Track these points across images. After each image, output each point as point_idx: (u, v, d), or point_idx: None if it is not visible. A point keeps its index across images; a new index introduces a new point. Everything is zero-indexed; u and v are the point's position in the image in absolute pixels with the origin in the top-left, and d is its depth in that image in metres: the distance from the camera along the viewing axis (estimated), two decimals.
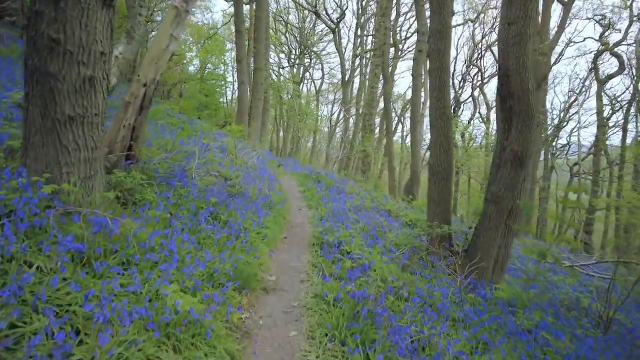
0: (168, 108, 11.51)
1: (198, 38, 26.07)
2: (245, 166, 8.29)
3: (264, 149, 15.60)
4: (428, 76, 6.29)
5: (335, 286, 3.75)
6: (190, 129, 10.20)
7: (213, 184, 5.38)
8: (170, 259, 2.97)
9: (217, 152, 8.09)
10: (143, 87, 4.60)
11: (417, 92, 10.94)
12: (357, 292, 3.22)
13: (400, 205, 8.92)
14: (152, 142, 5.84)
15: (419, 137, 11.13)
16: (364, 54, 24.19)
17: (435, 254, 5.88)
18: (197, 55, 28.49)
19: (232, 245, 4.03)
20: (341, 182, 10.02)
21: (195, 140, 8.44)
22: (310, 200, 8.34)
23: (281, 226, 6.13)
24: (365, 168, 19.54)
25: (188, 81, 28.99)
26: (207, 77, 27.92)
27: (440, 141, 6.18)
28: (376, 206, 8.11)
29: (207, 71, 28.84)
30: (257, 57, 15.40)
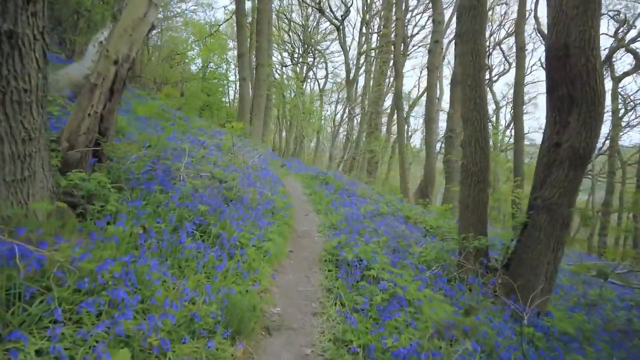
0: (163, 103, 10.51)
1: (200, 37, 25.03)
2: (245, 166, 7.26)
3: (266, 148, 14.57)
4: (459, 62, 5.28)
5: (362, 329, 2.70)
6: (186, 126, 9.19)
7: (204, 188, 4.34)
8: (124, 305, 1.92)
9: (215, 151, 7.07)
10: (113, 65, 3.56)
11: (432, 86, 9.90)
12: (403, 349, 2.17)
13: (417, 210, 7.87)
14: (131, 138, 4.81)
15: (434, 135, 10.09)
16: (369, 51, 23.14)
17: (469, 271, 4.83)
18: (199, 54, 27.52)
19: (223, 270, 2.98)
20: (351, 184, 8.99)
21: (190, 137, 7.43)
22: (319, 205, 7.29)
23: (286, 236, 5.08)
24: (372, 168, 18.48)
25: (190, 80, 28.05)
26: (210, 77, 26.97)
27: (476, 137, 5.11)
28: (392, 211, 7.06)
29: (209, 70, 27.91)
30: (260, 52, 14.37)
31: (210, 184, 4.53)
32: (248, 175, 6.24)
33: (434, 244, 5.40)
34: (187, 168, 4.74)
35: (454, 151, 11.31)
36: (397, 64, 11.06)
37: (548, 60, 4.57)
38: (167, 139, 6.02)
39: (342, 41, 24.27)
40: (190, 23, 27.37)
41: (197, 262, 2.94)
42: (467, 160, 5.18)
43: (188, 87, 28.05)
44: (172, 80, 26.74)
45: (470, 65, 5.21)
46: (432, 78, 9.96)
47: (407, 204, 8.18)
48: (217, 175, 4.53)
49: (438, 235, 6.93)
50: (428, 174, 10.14)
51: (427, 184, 10.24)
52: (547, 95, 4.78)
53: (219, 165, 6.11)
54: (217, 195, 4.51)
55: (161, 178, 3.94)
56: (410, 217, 7.02)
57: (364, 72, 25.58)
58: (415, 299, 3.28)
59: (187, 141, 7.10)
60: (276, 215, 5.36)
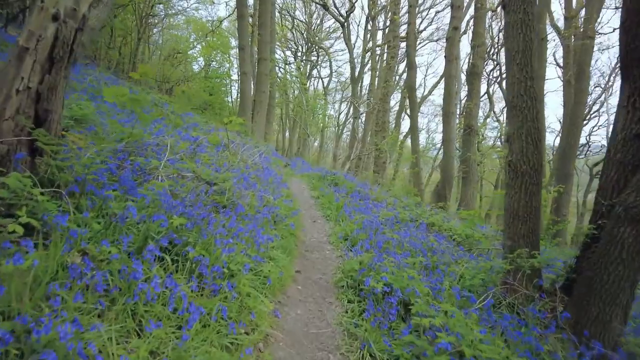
0: (156, 97, 9.48)
1: (202, 35, 24.05)
2: (244, 165, 6.21)
3: (269, 146, 13.53)
4: (504, 36, 4.23)
5: None
6: (179, 121, 8.16)
7: (187, 192, 3.28)
8: None
9: (209, 149, 6.04)
10: (52, 21, 2.52)
11: (451, 77, 8.83)
12: None
13: (439, 215, 6.80)
14: (96, 129, 3.78)
15: (452, 131, 9.02)
16: (375, 48, 22.06)
17: (520, 295, 3.76)
18: (201, 53, 26.55)
19: (194, 329, 1.92)
20: (363, 185, 7.92)
21: (181, 132, 6.41)
22: (328, 210, 6.23)
23: (292, 251, 4.02)
24: (379, 168, 17.36)
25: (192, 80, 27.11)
26: (212, 75, 25.99)
27: (528, 129, 4.02)
28: (414, 218, 5.99)
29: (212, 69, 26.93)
30: (262, 46, 13.33)
31: (194, 187, 3.47)
32: (246, 176, 5.19)
33: (473, 260, 4.32)
34: (167, 167, 3.69)
35: (472, 149, 10.22)
36: (410, 55, 10.00)
37: (626, 33, 3.49)
38: (153, 133, 4.99)
39: (346, 38, 23.22)
40: (191, 21, 26.40)
41: (158, 312, 1.89)
42: (516, 157, 4.09)
43: (189, 86, 27.10)
44: (174, 79, 25.79)
45: (519, 39, 4.12)
46: (450, 69, 8.89)
47: (426, 209, 7.12)
48: (203, 175, 3.48)
49: (466, 245, 5.86)
50: (446, 174, 9.07)
51: (444, 185, 9.17)
52: (623, 74, 3.70)
53: (213, 164, 5.07)
54: (205, 201, 3.46)
55: (126, 180, 2.89)
56: (435, 224, 5.95)
57: (368, 70, 24.52)
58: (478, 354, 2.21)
59: (177, 137, 6.08)
60: (279, 225, 4.30)
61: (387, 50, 19.05)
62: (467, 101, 9.94)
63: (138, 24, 22.12)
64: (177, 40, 26.80)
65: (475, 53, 9.96)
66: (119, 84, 10.25)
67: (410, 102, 10.17)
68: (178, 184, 3.44)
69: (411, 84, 9.80)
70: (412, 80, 9.79)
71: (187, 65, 27.48)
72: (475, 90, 10.12)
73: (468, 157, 9.82)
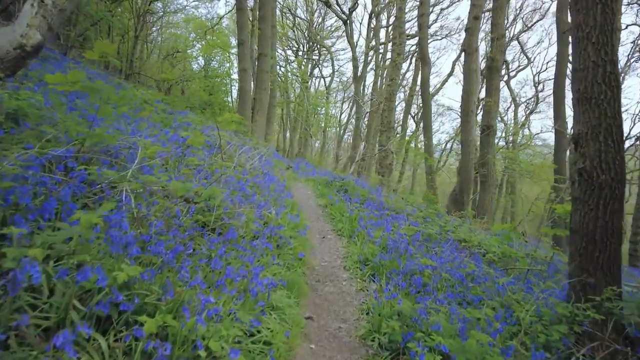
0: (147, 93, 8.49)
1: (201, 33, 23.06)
2: (242, 171, 5.22)
3: (270, 147, 12.53)
4: (572, 10, 3.24)
5: None
6: (168, 120, 7.17)
7: (153, 216, 2.28)
8: None
9: (200, 151, 5.05)
10: None
11: (470, 72, 7.85)
12: None
13: (464, 227, 5.80)
14: (30, 126, 2.79)
15: (472, 131, 8.04)
16: (379, 46, 21.05)
17: (609, 350, 2.77)
18: (201, 51, 25.54)
19: None
20: (376, 192, 6.90)
21: (168, 132, 5.43)
22: (339, 222, 5.23)
23: (300, 287, 3.02)
24: (384, 170, 16.36)
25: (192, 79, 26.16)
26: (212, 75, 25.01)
27: (607, 126, 3.02)
28: (439, 232, 5.00)
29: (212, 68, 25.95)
30: (262, 40, 12.31)
31: (167, 208, 2.45)
32: (243, 185, 4.19)
33: (530, 294, 3.32)
34: (135, 178, 2.70)
35: (491, 151, 9.22)
36: (423, 49, 8.99)
37: None
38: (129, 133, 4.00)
39: (349, 36, 22.20)
40: (191, 20, 25.40)
41: None
42: (591, 163, 3.08)
43: (188, 86, 26.11)
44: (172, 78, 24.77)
45: (596, 10, 3.12)
46: (470, 62, 7.90)
47: (450, 219, 6.12)
48: (179, 191, 2.47)
49: (500, 264, 4.88)
50: (464, 179, 8.08)
51: (462, 191, 8.19)
52: None
53: (201, 171, 4.07)
54: (183, 226, 2.47)
55: (62, 201, 1.89)
56: (467, 240, 4.96)
57: (371, 68, 23.53)
58: None
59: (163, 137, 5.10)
60: (283, 251, 3.30)
61: (392, 47, 18.07)
62: (485, 98, 8.95)
63: (135, 22, 21.13)
64: (177, 39, 25.78)
65: (494, 46, 8.97)
66: (105, 79, 9.24)
67: (423, 100, 9.17)
68: (146, 203, 2.45)
69: (425, 80, 8.81)
70: (426, 76, 8.79)
71: (186, 65, 26.47)
72: (494, 86, 9.13)
73: (487, 160, 8.83)
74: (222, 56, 25.41)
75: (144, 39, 24.24)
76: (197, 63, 28.09)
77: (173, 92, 25.44)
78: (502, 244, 5.04)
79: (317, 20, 27.07)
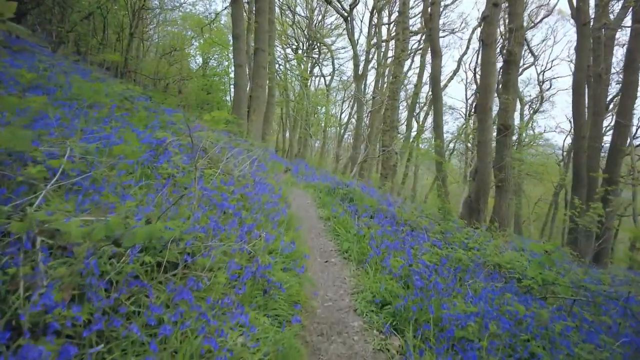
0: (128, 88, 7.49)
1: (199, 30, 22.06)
2: (228, 180, 4.25)
3: (267, 149, 11.54)
4: None
5: None
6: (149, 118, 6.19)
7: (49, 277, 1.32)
8: None
9: (177, 156, 4.09)
10: None
11: (489, 65, 6.89)
12: None
13: (491, 244, 4.82)
14: None
15: (489, 132, 7.07)
16: (380, 43, 20.04)
17: None
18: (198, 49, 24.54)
19: None
20: (388, 202, 5.88)
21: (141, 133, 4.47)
22: (345, 241, 4.25)
23: (294, 355, 2.06)
24: (388, 172, 15.37)
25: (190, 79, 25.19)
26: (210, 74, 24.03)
27: None
28: (467, 251, 4.03)
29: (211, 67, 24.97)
30: (259, 34, 11.31)
31: (71, 272, 1.48)
32: (223, 201, 3.21)
33: None
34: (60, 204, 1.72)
35: (508, 153, 8.25)
36: (434, 41, 8.00)
37: None
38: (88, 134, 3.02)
39: (350, 33, 21.17)
40: (188, 17, 24.38)
41: None
42: None
43: (185, 85, 25.12)
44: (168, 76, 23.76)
45: None
46: (488, 54, 6.93)
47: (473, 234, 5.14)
48: (94, 234, 1.49)
49: (538, 292, 3.95)
50: (481, 184, 7.11)
51: (478, 198, 7.23)
52: None
53: (159, 194, 3.10)
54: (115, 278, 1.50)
55: None
56: (501, 265, 4.00)
57: (372, 67, 22.54)
58: None
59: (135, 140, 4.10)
60: (271, 303, 2.34)
61: (395, 44, 17.07)
62: (502, 96, 7.96)
63: (130, 18, 20.11)
64: (174, 36, 24.75)
65: (513, 38, 8.01)
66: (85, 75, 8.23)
67: (433, 95, 8.19)
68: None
69: (436, 74, 7.83)
70: (437, 69, 7.81)
71: (183, 63, 25.44)
72: (512, 82, 8.15)
73: (505, 163, 7.85)
74: (220, 54, 24.44)
75: (140, 36, 23.20)
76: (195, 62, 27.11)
77: (170, 91, 24.46)
78: (540, 267, 4.08)
79: (317, 17, 26.08)
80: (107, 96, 6.38)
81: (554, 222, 24.26)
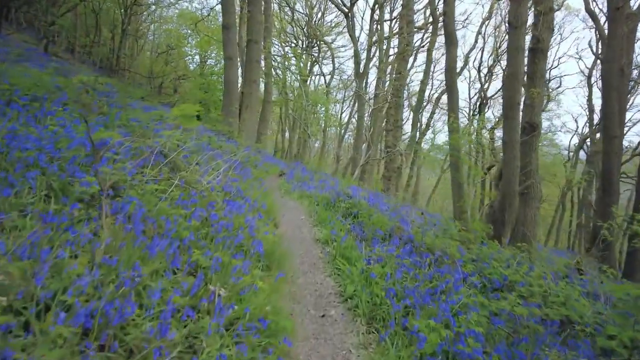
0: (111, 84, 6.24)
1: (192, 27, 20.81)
2: (189, 196, 3.01)
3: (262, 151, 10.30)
4: None
5: None
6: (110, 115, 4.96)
7: None
8: None
9: (120, 164, 2.86)
10: None
11: (517, 52, 5.64)
12: None
13: (532, 273, 3.59)
14: None
15: (517, 131, 5.83)
16: (383, 40, 18.75)
17: None
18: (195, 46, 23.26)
19: None
20: (402, 219, 4.56)
21: (74, 135, 3.26)
22: (349, 283, 2.99)
23: None
24: (391, 174, 14.11)
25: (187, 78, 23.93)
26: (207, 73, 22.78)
27: None
28: (526, 294, 2.81)
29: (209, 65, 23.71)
30: (252, 25, 10.05)
31: None
32: (155, 240, 1.97)
33: None
34: None
35: (535, 156, 7.00)
36: (448, 27, 6.77)
37: None
38: None
39: (350, 30, 19.89)
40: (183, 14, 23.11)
41: None
42: None
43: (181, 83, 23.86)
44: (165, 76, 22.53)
45: None
46: (517, 38, 5.68)
47: (509, 259, 3.91)
48: None
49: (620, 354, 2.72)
50: (506, 192, 5.87)
51: (503, 207, 5.99)
52: None
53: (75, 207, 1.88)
54: None
55: None
56: (570, 314, 2.78)
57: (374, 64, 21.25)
58: None
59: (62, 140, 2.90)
60: None
61: (399, 39, 15.80)
62: (528, 89, 6.72)
63: (122, 14, 18.84)
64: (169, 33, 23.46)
65: (541, 22, 6.78)
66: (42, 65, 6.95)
67: (447, 88, 6.93)
68: None
69: (451, 64, 6.60)
70: (453, 60, 6.59)
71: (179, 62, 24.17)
72: (540, 73, 6.91)
73: (533, 168, 6.61)
74: (217, 52, 23.16)
75: (133, 33, 21.94)
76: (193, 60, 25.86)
77: (165, 90, 23.24)
78: (624, 319, 2.84)
79: (317, 15, 24.80)
80: (59, 89, 5.15)
81: (561, 223, 23.04)
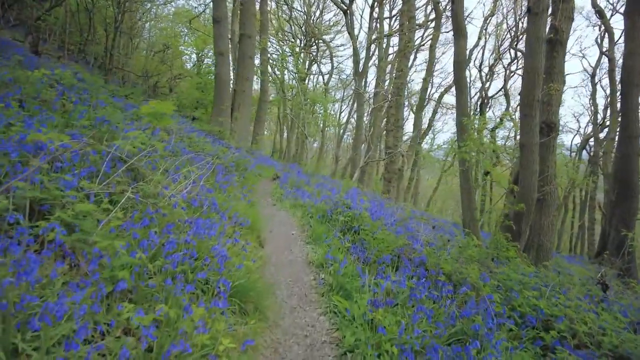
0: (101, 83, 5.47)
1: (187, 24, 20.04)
2: (141, 212, 2.30)
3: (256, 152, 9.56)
4: None
5: None
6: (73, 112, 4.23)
7: None
8: None
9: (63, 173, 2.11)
10: None
11: (537, 42, 4.86)
12: None
13: (571, 305, 2.89)
14: None
15: (535, 132, 5.10)
16: (382, 37, 18.02)
17: None
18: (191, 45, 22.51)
19: None
20: (413, 238, 3.82)
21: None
22: (348, 330, 2.27)
23: None
24: (392, 176, 13.37)
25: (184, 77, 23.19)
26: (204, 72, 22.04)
27: None
28: None
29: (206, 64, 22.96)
30: (245, 19, 9.31)
31: None
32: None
33: None
34: None
35: (553, 159, 6.29)
36: (457, 17, 6.04)
37: None
38: None
39: (349, 28, 19.15)
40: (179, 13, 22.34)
41: None
42: None
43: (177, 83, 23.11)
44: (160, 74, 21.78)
45: None
46: (537, 27, 4.96)
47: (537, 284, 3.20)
48: None
49: None
50: (523, 199, 5.17)
51: (519, 216, 5.29)
52: None
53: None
54: None
55: None
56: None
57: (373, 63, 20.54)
58: None
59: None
60: None
61: (400, 36, 15.06)
62: (545, 84, 6.01)
63: (115, 11, 18.05)
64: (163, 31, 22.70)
65: (560, 11, 6.07)
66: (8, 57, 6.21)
67: (456, 83, 6.20)
68: None
69: (461, 57, 5.89)
70: (462, 53, 5.87)
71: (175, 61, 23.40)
72: (558, 67, 6.20)
73: (551, 172, 5.91)
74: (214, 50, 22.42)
75: (127, 31, 21.16)
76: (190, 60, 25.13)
77: (161, 90, 22.49)
78: None
79: (315, 13, 24.05)
80: (13, 82, 4.41)
81: (563, 226, 22.38)
